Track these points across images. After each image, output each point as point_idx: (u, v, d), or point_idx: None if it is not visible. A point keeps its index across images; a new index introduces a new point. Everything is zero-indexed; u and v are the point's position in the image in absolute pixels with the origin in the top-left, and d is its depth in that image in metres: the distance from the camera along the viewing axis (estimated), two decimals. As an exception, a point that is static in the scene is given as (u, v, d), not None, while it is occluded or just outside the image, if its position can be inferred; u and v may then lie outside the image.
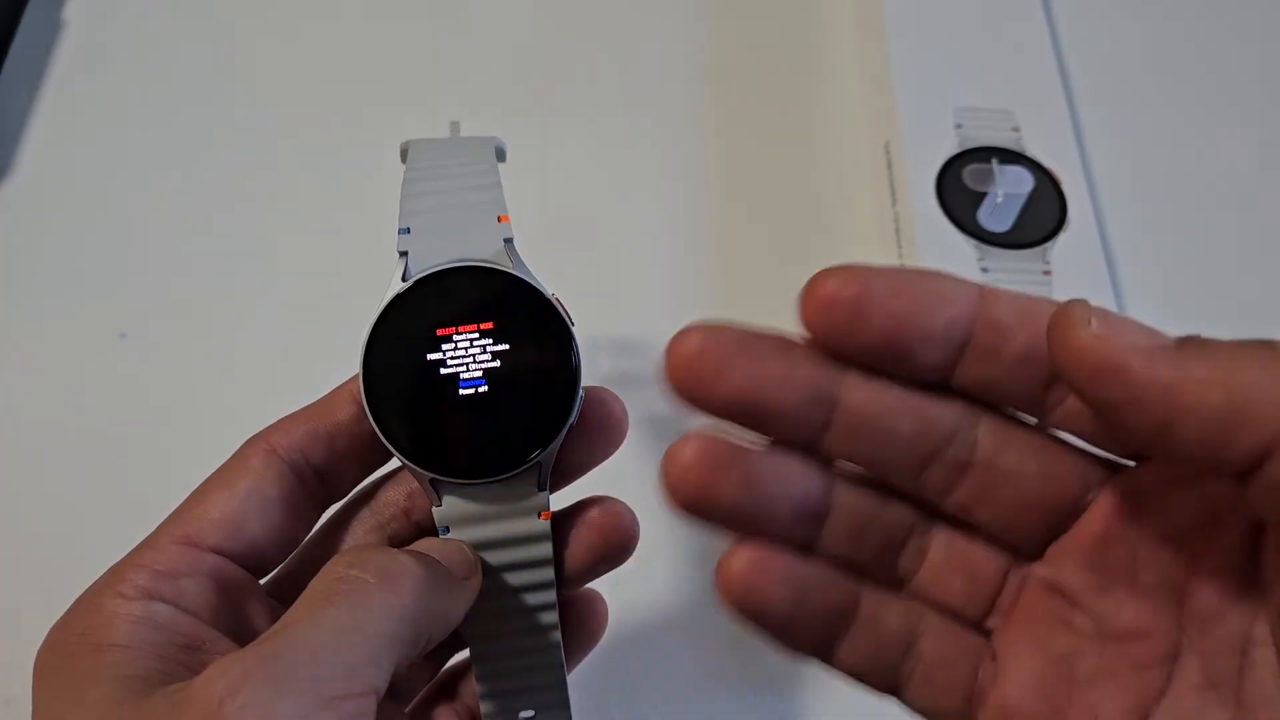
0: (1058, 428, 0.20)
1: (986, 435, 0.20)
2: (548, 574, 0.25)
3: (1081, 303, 0.18)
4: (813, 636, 0.21)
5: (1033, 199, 0.40)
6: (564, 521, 0.25)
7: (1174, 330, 0.18)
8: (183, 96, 0.46)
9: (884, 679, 0.22)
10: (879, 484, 0.21)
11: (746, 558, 0.20)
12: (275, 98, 0.46)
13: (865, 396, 0.20)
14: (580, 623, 0.27)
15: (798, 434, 0.20)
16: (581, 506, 0.26)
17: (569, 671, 0.26)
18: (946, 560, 0.22)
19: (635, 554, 0.26)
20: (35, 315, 0.40)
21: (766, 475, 0.20)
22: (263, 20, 0.48)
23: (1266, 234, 0.43)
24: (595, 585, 0.27)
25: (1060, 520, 0.21)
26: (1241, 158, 0.45)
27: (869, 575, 0.22)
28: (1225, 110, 0.46)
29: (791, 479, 0.20)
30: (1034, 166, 0.40)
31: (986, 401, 0.20)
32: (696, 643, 0.34)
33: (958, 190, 0.40)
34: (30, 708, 0.20)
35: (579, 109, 0.46)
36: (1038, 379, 0.19)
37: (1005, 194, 0.40)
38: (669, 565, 0.35)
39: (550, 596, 0.25)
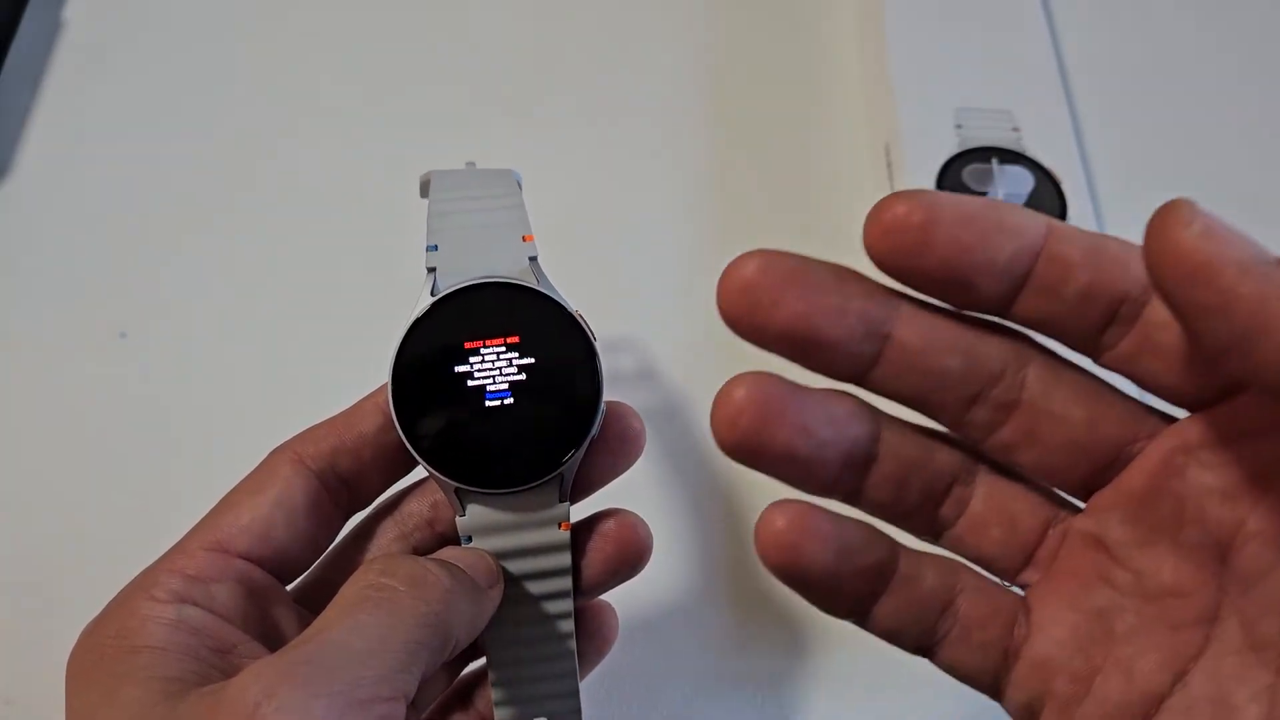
0: (1109, 368, 0.20)
1: (1035, 376, 0.20)
2: (566, 584, 0.25)
3: (1187, 203, 0.17)
4: (853, 596, 0.21)
5: (1033, 199, 0.40)
6: (579, 533, 0.26)
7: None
8: (183, 96, 0.46)
9: (919, 638, 0.21)
10: (924, 430, 0.21)
11: (788, 516, 0.20)
12: (276, 98, 0.46)
13: (918, 330, 0.20)
14: (592, 633, 0.27)
15: (848, 368, 0.20)
16: (597, 519, 0.26)
17: (579, 681, 0.26)
18: (986, 511, 0.21)
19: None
20: (35, 315, 0.40)
21: (820, 419, 0.20)
22: (263, 20, 0.48)
23: (1267, 234, 0.43)
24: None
25: (1105, 468, 0.20)
26: (1242, 157, 0.45)
27: (909, 524, 0.21)
28: (1225, 110, 0.46)
29: (843, 423, 0.20)
30: (1034, 166, 0.41)
31: (1043, 333, 0.20)
32: (699, 643, 0.34)
33: (958, 190, 0.40)
34: (29, 708, 0.20)
35: (579, 110, 0.46)
36: (1096, 317, 0.19)
37: (1005, 194, 0.40)
38: (672, 566, 0.35)
39: (567, 606, 0.25)
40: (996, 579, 0.22)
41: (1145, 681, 0.20)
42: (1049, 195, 0.40)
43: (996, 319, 0.20)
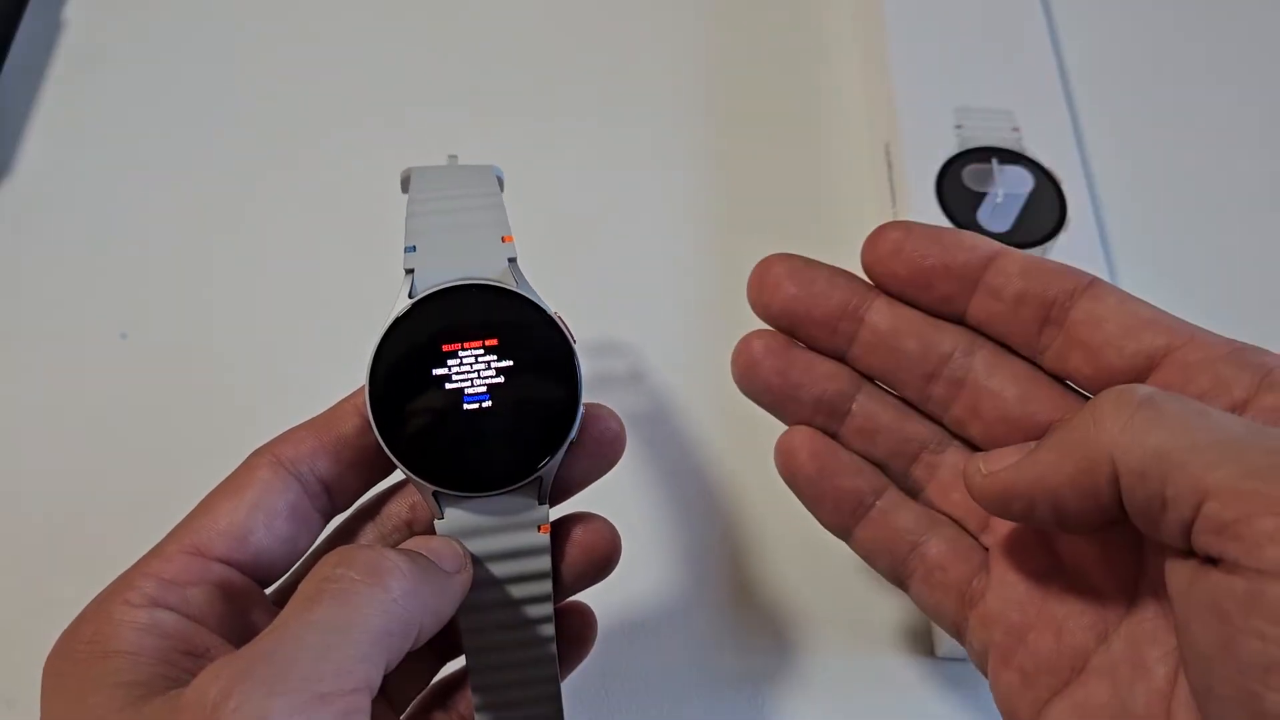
0: (1049, 371, 0.25)
1: (981, 360, 0.25)
2: (546, 587, 0.25)
3: (971, 460, 0.23)
4: (833, 512, 0.26)
5: (1033, 199, 0.40)
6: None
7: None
8: (183, 96, 0.46)
9: (892, 569, 0.26)
10: (903, 401, 0.26)
11: (795, 435, 0.26)
12: (277, 98, 0.46)
13: (884, 317, 0.26)
14: (571, 635, 0.27)
15: (831, 342, 0.26)
16: (565, 523, 0.26)
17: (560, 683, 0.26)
18: (951, 477, 0.26)
19: (628, 555, 0.26)
20: (36, 315, 0.40)
21: (797, 367, 0.26)
22: (264, 20, 0.48)
23: (1267, 233, 0.43)
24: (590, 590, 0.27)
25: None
26: (1241, 157, 0.45)
27: (888, 475, 0.26)
28: (1225, 110, 0.46)
29: (817, 374, 0.26)
30: (1034, 166, 0.40)
31: (991, 334, 0.25)
32: (693, 644, 0.34)
33: (958, 190, 0.40)
34: (31, 710, 0.21)
35: (579, 111, 0.46)
36: (1031, 320, 0.24)
37: (1005, 194, 0.40)
38: (665, 567, 0.35)
39: (548, 610, 0.25)
40: (973, 536, 0.26)
41: (1072, 639, 0.23)
42: (1049, 195, 0.40)
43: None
